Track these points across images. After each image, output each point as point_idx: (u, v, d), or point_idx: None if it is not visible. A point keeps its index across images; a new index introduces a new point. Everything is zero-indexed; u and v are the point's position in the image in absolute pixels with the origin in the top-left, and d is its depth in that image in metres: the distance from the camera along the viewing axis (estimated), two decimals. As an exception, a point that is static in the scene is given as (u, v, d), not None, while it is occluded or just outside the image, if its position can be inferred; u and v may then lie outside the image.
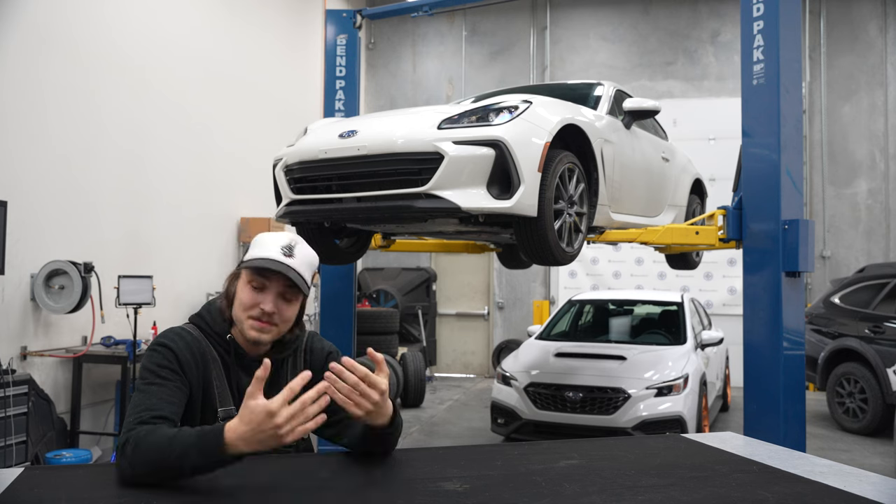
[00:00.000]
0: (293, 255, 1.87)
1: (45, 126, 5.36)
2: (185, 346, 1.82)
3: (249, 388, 1.52)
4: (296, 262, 1.86)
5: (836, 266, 10.68)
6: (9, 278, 4.92)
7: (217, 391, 1.84)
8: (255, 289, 1.86)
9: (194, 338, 1.86)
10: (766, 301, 4.55)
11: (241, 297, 1.87)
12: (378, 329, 8.94)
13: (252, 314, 1.85)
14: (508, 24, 11.94)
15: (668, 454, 1.91)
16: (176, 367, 1.77)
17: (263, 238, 1.90)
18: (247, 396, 1.51)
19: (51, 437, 5.11)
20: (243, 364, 1.90)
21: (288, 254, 1.86)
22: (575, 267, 11.11)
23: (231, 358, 1.89)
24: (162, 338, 1.84)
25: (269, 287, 1.86)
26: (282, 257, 1.84)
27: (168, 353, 1.79)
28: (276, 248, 1.86)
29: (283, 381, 1.90)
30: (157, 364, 1.76)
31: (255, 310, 1.84)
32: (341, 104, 6.39)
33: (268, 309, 1.84)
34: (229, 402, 1.84)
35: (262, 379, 1.52)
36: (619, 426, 5.50)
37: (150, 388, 1.71)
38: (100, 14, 5.95)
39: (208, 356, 1.85)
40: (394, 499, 1.48)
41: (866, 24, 10.86)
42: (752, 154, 4.72)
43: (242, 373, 1.89)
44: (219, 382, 1.84)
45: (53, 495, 1.50)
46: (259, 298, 1.85)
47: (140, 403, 1.68)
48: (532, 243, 3.70)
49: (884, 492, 1.54)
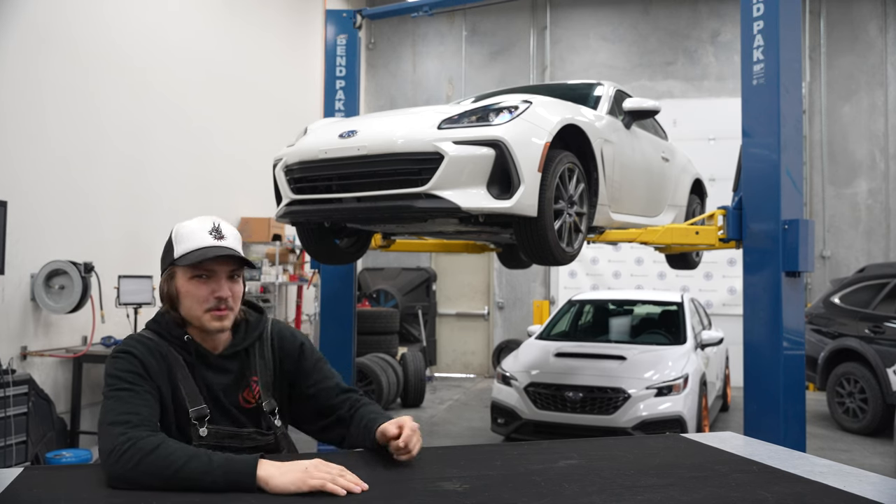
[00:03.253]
0: (223, 235, 1.85)
1: (44, 126, 5.36)
2: (148, 352, 1.78)
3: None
4: (229, 241, 1.85)
5: (836, 266, 10.68)
6: (9, 278, 4.92)
7: (185, 392, 1.80)
8: (202, 280, 1.82)
9: (155, 343, 1.82)
10: (766, 301, 4.55)
11: (192, 293, 1.82)
12: (378, 329, 8.94)
13: (209, 306, 1.82)
14: (508, 24, 11.93)
15: (668, 454, 1.91)
16: (142, 372, 1.73)
17: (186, 229, 1.86)
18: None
19: (51, 437, 5.11)
20: (207, 363, 1.87)
21: (218, 236, 1.84)
22: (575, 267, 11.11)
23: (193, 358, 1.85)
24: (122, 345, 1.80)
25: (216, 273, 1.83)
26: (215, 241, 1.82)
27: (132, 360, 1.74)
28: (204, 234, 1.83)
29: (250, 372, 1.92)
30: (125, 370, 1.72)
31: (211, 300, 1.82)
32: (341, 104, 6.39)
33: (224, 294, 1.82)
34: (199, 402, 1.81)
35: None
36: (618, 426, 5.50)
37: (123, 395, 1.67)
38: (99, 14, 5.95)
39: (171, 359, 1.81)
40: (394, 499, 1.48)
41: (866, 24, 10.86)
42: (752, 154, 4.72)
43: (208, 371, 1.86)
44: (185, 383, 1.80)
45: (53, 495, 1.50)
46: (210, 287, 1.82)
47: (118, 408, 1.63)
48: (532, 243, 3.70)
49: (884, 492, 1.54)
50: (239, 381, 1.90)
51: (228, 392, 1.87)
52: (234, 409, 1.87)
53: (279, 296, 9.21)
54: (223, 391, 1.86)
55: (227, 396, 1.87)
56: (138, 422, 1.61)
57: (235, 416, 1.87)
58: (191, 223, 1.87)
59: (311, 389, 1.98)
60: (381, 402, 7.79)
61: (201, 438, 1.78)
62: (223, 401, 1.86)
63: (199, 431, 1.78)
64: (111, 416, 1.62)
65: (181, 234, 1.86)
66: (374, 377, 7.71)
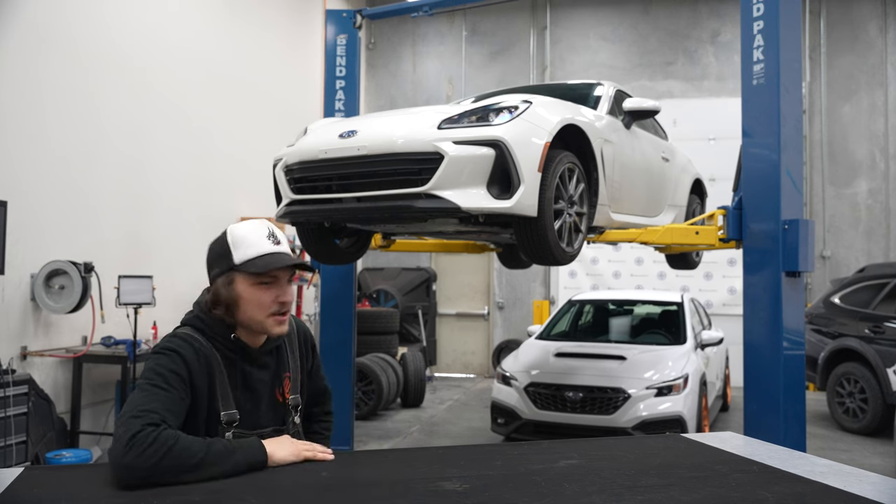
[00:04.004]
0: (279, 240, 1.88)
1: (44, 126, 5.36)
2: (194, 353, 1.79)
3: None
4: (284, 246, 1.89)
5: (836, 266, 10.68)
6: (9, 278, 4.92)
7: (220, 394, 1.82)
8: (267, 286, 1.85)
9: (201, 343, 1.82)
10: (766, 301, 4.55)
11: (256, 299, 1.84)
12: (378, 329, 8.94)
13: (273, 310, 1.85)
14: (508, 24, 11.93)
15: (668, 454, 1.91)
16: (185, 374, 1.74)
17: (243, 233, 1.86)
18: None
19: (51, 437, 5.11)
20: (250, 359, 1.91)
21: (276, 241, 1.87)
22: (575, 267, 11.11)
23: (237, 356, 1.88)
24: (170, 343, 1.80)
25: (280, 279, 1.86)
26: (276, 248, 1.86)
27: (178, 360, 1.75)
28: (265, 240, 1.85)
29: (283, 368, 1.98)
30: (168, 369, 1.72)
31: (275, 305, 1.85)
32: (341, 104, 6.39)
33: (290, 300, 1.88)
34: (231, 406, 1.83)
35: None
36: (619, 426, 5.50)
37: (157, 391, 1.67)
38: (99, 14, 5.95)
39: (213, 360, 1.82)
40: (394, 499, 1.48)
41: (866, 24, 10.86)
42: (752, 154, 4.72)
43: (250, 367, 1.90)
44: (221, 386, 1.82)
45: (53, 495, 1.50)
46: (275, 293, 1.85)
47: (146, 403, 1.64)
48: (532, 243, 3.70)
49: (884, 492, 1.54)
50: (274, 377, 1.96)
51: (266, 387, 1.93)
52: (267, 405, 1.92)
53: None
54: (262, 386, 1.92)
55: (265, 391, 1.93)
56: (159, 420, 1.62)
57: (264, 412, 1.92)
58: (245, 228, 1.88)
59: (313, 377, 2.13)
60: (381, 402, 7.79)
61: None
62: (260, 395, 1.91)
63: (225, 434, 1.81)
64: (136, 409, 1.62)
65: (239, 239, 1.86)
66: (374, 377, 7.72)
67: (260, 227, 1.88)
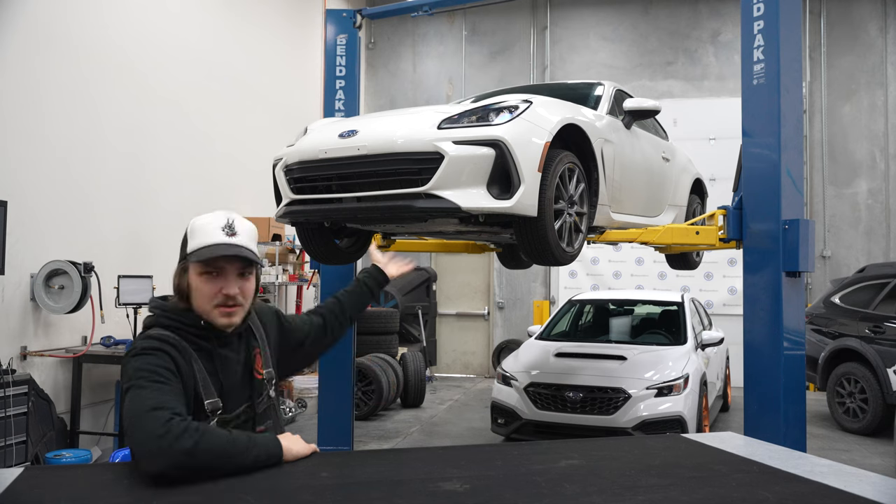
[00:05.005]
0: (236, 232, 1.86)
1: (45, 126, 5.36)
2: (172, 348, 1.79)
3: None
4: (241, 238, 1.87)
5: (836, 266, 10.68)
6: (9, 278, 4.92)
7: (202, 385, 1.83)
8: (211, 276, 1.84)
9: (175, 339, 1.82)
10: (767, 301, 4.55)
11: (201, 290, 1.85)
12: (378, 329, 8.94)
13: (217, 302, 1.85)
14: (508, 24, 11.93)
15: (668, 454, 1.91)
16: (174, 368, 1.76)
17: (200, 223, 1.88)
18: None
19: (51, 437, 5.11)
20: (223, 342, 1.92)
21: (231, 233, 1.85)
22: (575, 267, 11.11)
23: (212, 343, 1.88)
24: (148, 343, 1.78)
25: (226, 271, 1.85)
26: (227, 238, 1.84)
27: (164, 356, 1.76)
28: (217, 230, 1.85)
29: (252, 346, 2.01)
30: (158, 365, 1.72)
31: (219, 297, 1.85)
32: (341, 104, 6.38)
33: (232, 292, 1.85)
34: (213, 395, 1.84)
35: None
36: (619, 426, 5.50)
37: (161, 387, 1.67)
38: (99, 15, 5.95)
39: (189, 353, 1.83)
40: (394, 499, 1.48)
41: (866, 24, 10.86)
42: (753, 154, 4.72)
43: (225, 349, 1.92)
44: (201, 376, 1.83)
45: (53, 495, 1.50)
46: (219, 284, 1.85)
47: (157, 397, 1.63)
48: (532, 243, 3.70)
49: (884, 492, 1.54)
50: (247, 355, 1.98)
51: (242, 366, 1.95)
52: (245, 383, 1.95)
53: (279, 296, 9.21)
54: (238, 365, 1.94)
55: (242, 369, 1.95)
56: (181, 410, 1.64)
57: (243, 390, 1.94)
58: (205, 218, 1.88)
59: (297, 334, 2.20)
60: (381, 402, 7.79)
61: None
62: (238, 376, 1.93)
63: (211, 423, 1.82)
64: (153, 403, 1.62)
65: (195, 228, 1.88)
66: (374, 377, 7.71)
67: (218, 217, 1.88)
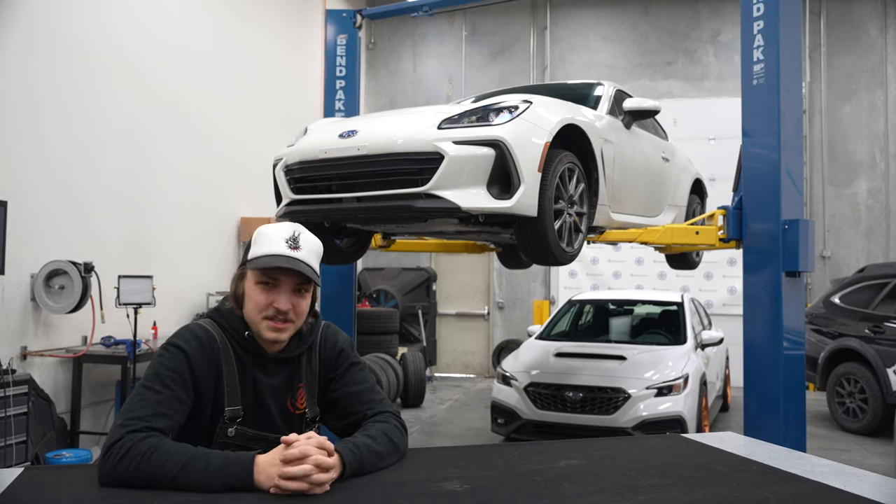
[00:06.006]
0: (299, 246, 1.79)
1: (45, 126, 5.36)
2: (199, 347, 1.75)
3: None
4: (303, 253, 1.79)
5: (836, 266, 10.68)
6: (9, 278, 4.92)
7: (227, 390, 1.77)
8: (266, 287, 1.78)
9: (211, 335, 1.78)
10: (766, 301, 4.55)
11: (253, 298, 1.79)
12: (378, 329, 8.94)
13: (267, 314, 1.78)
14: (508, 24, 11.93)
15: (668, 454, 1.91)
16: (185, 372, 1.70)
17: (265, 232, 1.82)
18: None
19: (51, 437, 5.11)
20: (261, 363, 1.84)
21: (294, 246, 1.78)
22: (575, 267, 11.11)
23: (249, 357, 1.82)
24: (177, 338, 1.76)
25: (281, 284, 1.78)
26: (288, 251, 1.77)
27: (180, 356, 1.71)
28: (280, 241, 1.78)
29: (297, 378, 1.89)
30: (167, 367, 1.69)
31: (270, 309, 1.78)
32: (341, 104, 6.39)
33: (283, 308, 1.77)
34: (237, 402, 1.78)
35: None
36: (619, 426, 5.50)
37: (148, 394, 1.64)
38: (99, 15, 5.95)
39: (222, 355, 1.77)
40: (394, 499, 1.48)
41: (866, 24, 10.86)
42: (752, 154, 4.72)
43: (259, 372, 1.83)
44: (230, 381, 1.78)
45: (53, 495, 1.50)
46: (272, 297, 1.78)
47: (133, 409, 1.61)
48: (532, 243, 3.70)
49: (884, 492, 1.54)
50: (286, 386, 1.88)
51: (275, 394, 1.85)
52: (275, 412, 1.84)
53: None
54: (270, 392, 1.84)
55: (273, 398, 1.84)
56: (144, 427, 1.57)
57: (273, 418, 1.84)
58: (271, 227, 1.82)
59: (336, 393, 1.92)
60: (381, 402, 7.78)
61: (228, 437, 1.77)
62: (268, 402, 1.83)
63: (228, 431, 1.77)
64: (125, 416, 1.60)
65: (260, 236, 1.81)
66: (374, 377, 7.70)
67: (284, 228, 1.81)
